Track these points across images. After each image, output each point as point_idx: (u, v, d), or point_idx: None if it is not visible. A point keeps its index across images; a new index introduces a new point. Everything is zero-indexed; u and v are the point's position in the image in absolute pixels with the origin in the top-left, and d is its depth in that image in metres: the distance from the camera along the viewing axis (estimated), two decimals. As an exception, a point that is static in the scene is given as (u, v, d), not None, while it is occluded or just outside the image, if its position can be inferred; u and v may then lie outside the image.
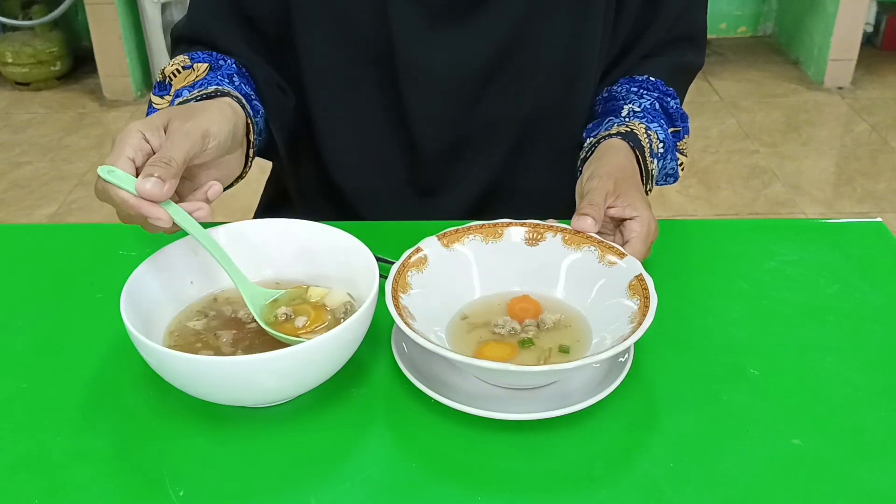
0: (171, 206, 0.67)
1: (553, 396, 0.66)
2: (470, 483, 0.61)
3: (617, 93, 0.98)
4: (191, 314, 0.72)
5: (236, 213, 2.57)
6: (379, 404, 0.68)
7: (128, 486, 0.61)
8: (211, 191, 0.72)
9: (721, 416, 0.66)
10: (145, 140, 0.69)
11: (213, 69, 0.89)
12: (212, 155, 0.73)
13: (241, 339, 0.70)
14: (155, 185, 0.65)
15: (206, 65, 0.89)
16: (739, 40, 3.81)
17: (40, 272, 0.85)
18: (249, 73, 0.93)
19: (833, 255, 0.87)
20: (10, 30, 3.40)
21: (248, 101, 0.87)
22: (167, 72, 0.89)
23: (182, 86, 0.87)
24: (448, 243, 0.75)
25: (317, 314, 0.70)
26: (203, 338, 0.70)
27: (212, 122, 0.73)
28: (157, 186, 0.65)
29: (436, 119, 0.95)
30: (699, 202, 2.60)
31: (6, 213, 2.60)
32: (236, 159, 0.80)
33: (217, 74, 0.88)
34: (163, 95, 0.89)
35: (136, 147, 0.68)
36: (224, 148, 0.75)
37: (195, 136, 0.70)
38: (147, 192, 0.65)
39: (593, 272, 0.73)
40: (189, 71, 0.88)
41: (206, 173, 0.75)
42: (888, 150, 2.88)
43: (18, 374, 0.71)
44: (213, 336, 0.70)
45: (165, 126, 0.70)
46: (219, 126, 0.74)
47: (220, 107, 0.77)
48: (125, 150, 0.67)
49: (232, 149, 0.78)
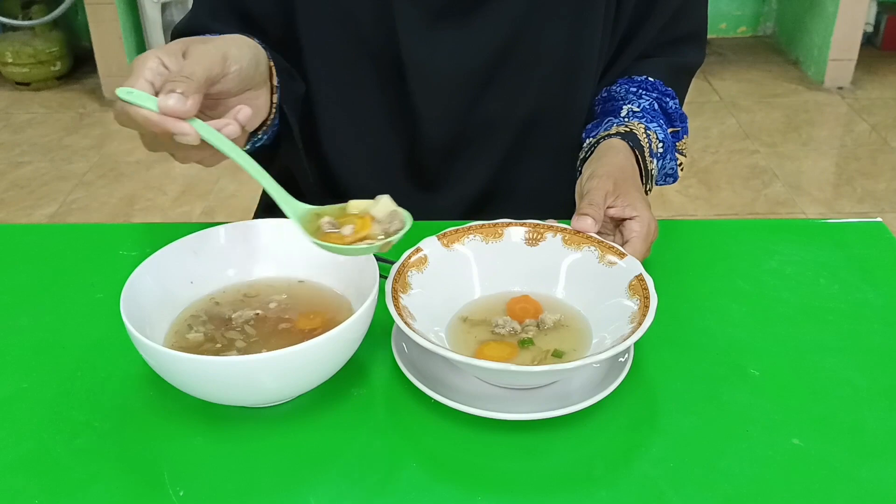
0: (197, 123, 0.64)
1: (553, 396, 0.66)
2: (470, 483, 0.61)
3: (616, 93, 0.98)
4: (191, 314, 0.72)
5: (237, 212, 2.57)
6: (379, 404, 0.68)
7: (128, 486, 0.61)
8: (241, 114, 0.67)
9: (721, 416, 0.66)
10: (163, 65, 0.66)
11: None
12: (234, 81, 0.70)
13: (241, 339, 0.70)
14: (178, 101, 0.62)
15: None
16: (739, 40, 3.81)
17: (40, 272, 0.85)
18: None
19: (833, 255, 0.87)
20: (10, 30, 3.40)
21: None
22: None
23: None
24: (448, 243, 0.75)
25: (362, 223, 0.66)
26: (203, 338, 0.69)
27: (231, 46, 0.70)
28: (181, 101, 0.62)
29: (436, 117, 0.95)
30: (699, 202, 2.60)
31: (6, 213, 2.60)
32: (263, 97, 0.76)
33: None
34: None
35: (155, 70, 0.65)
36: (247, 76, 0.72)
37: (215, 56, 0.67)
38: (171, 108, 0.62)
39: (593, 272, 0.73)
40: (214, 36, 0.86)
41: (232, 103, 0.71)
42: (888, 150, 2.88)
43: (18, 374, 0.71)
44: (213, 336, 0.70)
45: (184, 52, 0.68)
46: (240, 51, 0.71)
47: (241, 38, 0.73)
48: (143, 73, 0.64)
49: (256, 83, 0.74)
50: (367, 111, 0.97)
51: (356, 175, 1.01)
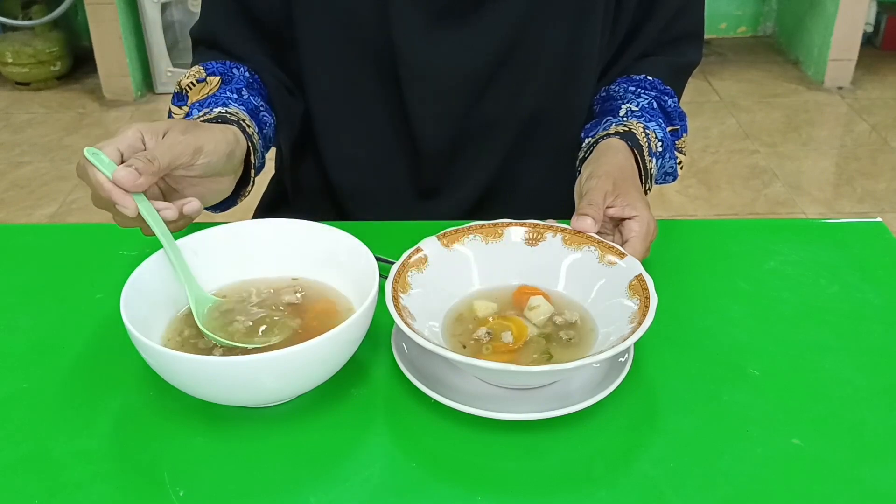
0: (141, 199, 0.69)
1: (553, 396, 0.66)
2: (470, 483, 0.61)
3: (615, 93, 0.98)
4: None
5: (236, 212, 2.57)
6: (379, 404, 0.68)
7: (128, 486, 0.61)
8: (188, 206, 0.73)
9: (721, 416, 0.66)
10: (141, 140, 0.72)
11: (224, 82, 0.91)
12: (200, 171, 0.75)
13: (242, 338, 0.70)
14: (129, 174, 0.67)
15: (218, 77, 0.91)
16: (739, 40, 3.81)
17: (40, 272, 0.85)
18: (261, 79, 0.94)
19: (833, 255, 0.87)
20: (10, 30, 3.40)
21: (257, 114, 0.89)
22: (183, 84, 0.92)
23: (196, 99, 0.90)
24: (448, 243, 0.75)
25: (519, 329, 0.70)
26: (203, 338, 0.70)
27: (208, 141, 0.75)
28: (131, 176, 0.67)
29: (436, 118, 0.95)
30: (699, 202, 2.60)
31: (6, 213, 2.60)
32: (227, 182, 0.81)
33: (227, 89, 0.90)
34: (181, 106, 0.91)
35: (130, 143, 0.71)
36: (215, 169, 0.77)
37: (186, 148, 0.73)
38: (120, 179, 0.67)
39: (593, 272, 0.73)
40: (202, 84, 0.91)
41: (194, 189, 0.77)
42: (888, 150, 2.88)
43: (18, 374, 0.71)
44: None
45: (164, 133, 0.73)
46: (215, 146, 0.76)
47: (223, 131, 0.79)
48: (117, 142, 0.71)
49: (225, 172, 0.79)
50: (366, 113, 0.97)
51: (356, 178, 1.01)
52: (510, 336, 0.69)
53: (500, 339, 0.69)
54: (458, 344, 0.70)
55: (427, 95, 0.93)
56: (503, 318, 0.72)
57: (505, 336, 0.69)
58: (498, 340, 0.69)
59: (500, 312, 0.73)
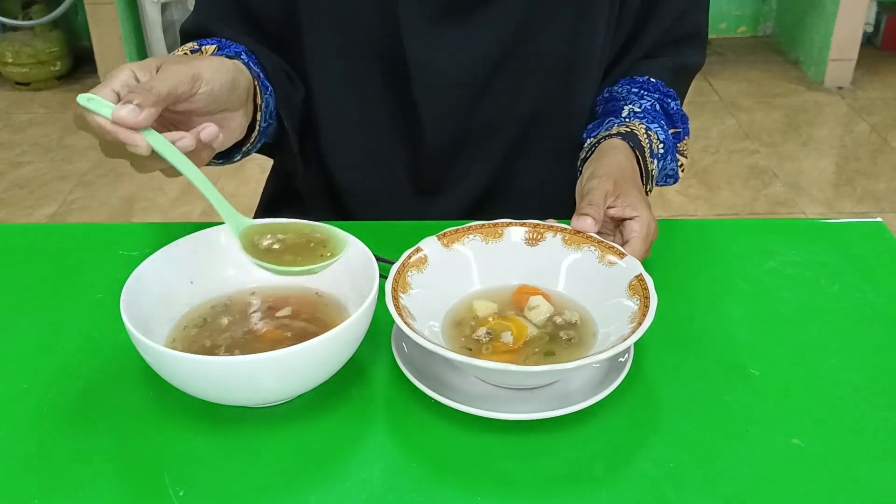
0: (152, 134, 0.64)
1: (553, 396, 0.66)
2: (470, 483, 0.61)
3: (617, 93, 0.98)
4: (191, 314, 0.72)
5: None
6: (379, 404, 0.68)
7: (128, 486, 0.61)
8: (204, 131, 0.68)
9: (721, 416, 0.66)
10: (134, 78, 0.67)
11: (221, 48, 0.88)
12: (203, 101, 0.71)
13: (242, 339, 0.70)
14: (131, 112, 0.63)
15: (213, 46, 0.88)
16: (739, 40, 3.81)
17: (40, 272, 0.85)
18: (259, 60, 0.92)
19: (833, 255, 0.87)
20: (10, 30, 3.40)
21: (258, 79, 0.86)
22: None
23: None
24: (448, 243, 0.75)
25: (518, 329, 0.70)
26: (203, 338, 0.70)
27: (205, 69, 0.71)
28: (134, 112, 0.63)
29: (438, 117, 0.95)
30: (699, 202, 2.60)
31: (6, 213, 2.60)
32: (238, 119, 0.76)
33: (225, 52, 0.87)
34: None
35: (124, 82, 0.66)
36: (219, 98, 0.72)
37: (184, 75, 0.68)
38: (123, 119, 0.63)
39: (593, 272, 0.73)
40: (197, 54, 0.87)
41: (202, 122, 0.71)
42: (888, 150, 2.88)
43: (18, 374, 0.71)
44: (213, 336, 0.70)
45: (158, 67, 0.69)
46: (213, 74, 0.71)
47: (220, 60, 0.74)
48: (112, 83, 0.66)
49: (232, 105, 0.75)
50: (368, 112, 0.97)
51: (357, 177, 1.01)
52: (510, 336, 0.69)
53: (500, 339, 0.69)
54: (458, 344, 0.70)
55: (430, 94, 0.93)
56: (503, 318, 0.72)
57: (505, 336, 0.69)
58: (498, 340, 0.69)
59: (500, 312, 0.73)
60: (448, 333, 0.71)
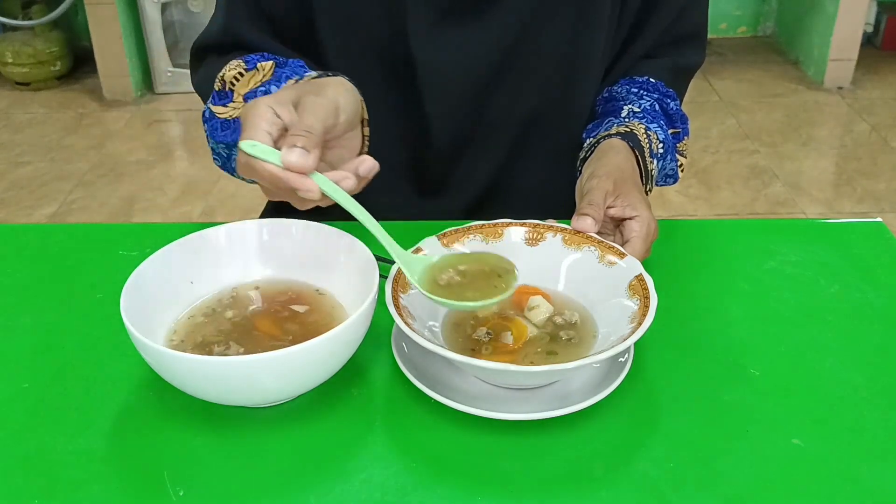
0: (318, 177, 0.64)
1: (553, 396, 0.66)
2: (470, 483, 0.61)
3: (617, 93, 0.98)
4: (191, 315, 0.72)
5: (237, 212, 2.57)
6: (379, 404, 0.68)
7: (128, 486, 0.61)
8: (362, 167, 0.67)
9: (721, 416, 0.66)
10: (276, 115, 0.66)
11: (278, 66, 0.86)
12: (342, 129, 0.71)
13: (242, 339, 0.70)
14: (301, 156, 0.62)
15: (270, 62, 0.86)
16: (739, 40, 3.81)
17: (40, 272, 0.85)
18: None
19: (833, 255, 0.87)
20: (10, 30, 3.40)
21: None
22: (227, 78, 0.85)
23: (249, 89, 0.84)
24: (448, 243, 0.75)
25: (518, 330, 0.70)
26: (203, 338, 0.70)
27: (339, 95, 0.71)
28: (303, 157, 0.62)
29: (440, 117, 0.95)
30: (699, 202, 2.60)
31: (6, 213, 2.60)
32: (357, 136, 0.76)
33: (285, 71, 0.86)
34: (225, 104, 0.85)
35: (270, 121, 0.65)
36: (353, 123, 0.73)
37: (329, 108, 0.68)
38: (294, 164, 0.62)
39: (593, 272, 0.73)
40: (253, 72, 0.85)
41: (332, 152, 0.72)
42: (888, 150, 2.88)
43: (19, 374, 0.71)
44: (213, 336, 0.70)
45: (295, 102, 0.68)
46: (346, 99, 0.71)
47: (343, 82, 0.74)
48: (261, 125, 0.65)
49: (354, 125, 0.75)
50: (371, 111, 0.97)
51: None
52: (510, 336, 0.69)
53: (500, 339, 0.69)
54: (458, 344, 0.70)
55: (434, 94, 0.93)
56: (503, 319, 0.72)
57: (505, 336, 0.69)
58: (498, 340, 0.69)
59: (500, 312, 0.73)
60: (448, 334, 0.71)
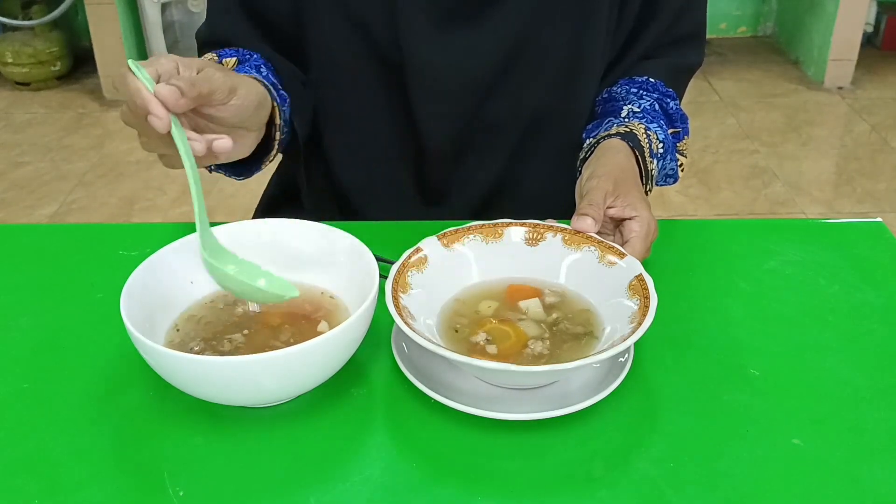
0: (175, 122, 0.67)
1: (553, 396, 0.66)
2: (470, 483, 0.61)
3: (617, 94, 0.98)
4: (191, 315, 0.72)
5: (237, 212, 2.57)
6: (379, 404, 0.68)
7: (128, 486, 0.61)
8: (218, 142, 0.70)
9: (721, 416, 0.66)
10: (177, 69, 0.70)
11: (240, 62, 0.90)
12: (230, 112, 0.73)
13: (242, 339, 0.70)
14: (172, 91, 0.65)
15: (233, 59, 0.90)
16: (739, 40, 3.81)
17: (40, 272, 0.85)
18: (274, 67, 0.94)
19: (833, 255, 0.87)
20: (10, 30, 3.40)
21: (276, 90, 0.88)
22: None
23: None
24: (448, 243, 0.75)
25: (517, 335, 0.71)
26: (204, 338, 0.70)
27: (242, 85, 0.74)
28: (174, 94, 0.66)
29: (441, 119, 0.95)
30: (699, 202, 2.60)
31: (6, 213, 2.60)
32: (251, 139, 0.79)
33: (245, 67, 0.89)
34: None
35: (167, 69, 0.69)
36: (244, 114, 0.75)
37: (224, 83, 0.71)
38: (163, 94, 0.65)
39: (593, 272, 0.73)
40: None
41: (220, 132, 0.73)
42: (888, 150, 2.88)
43: (18, 374, 0.71)
44: (213, 336, 0.70)
45: (199, 69, 0.71)
46: (247, 91, 0.74)
47: (255, 81, 0.78)
48: (156, 64, 0.68)
49: (251, 125, 0.77)
50: (372, 114, 0.97)
51: (360, 179, 1.01)
52: (510, 339, 0.69)
53: (498, 343, 0.69)
54: (458, 344, 0.70)
55: (433, 97, 0.93)
56: (502, 323, 0.72)
57: (504, 339, 0.69)
58: (498, 342, 0.69)
59: (500, 313, 0.73)
60: (447, 334, 0.71)
